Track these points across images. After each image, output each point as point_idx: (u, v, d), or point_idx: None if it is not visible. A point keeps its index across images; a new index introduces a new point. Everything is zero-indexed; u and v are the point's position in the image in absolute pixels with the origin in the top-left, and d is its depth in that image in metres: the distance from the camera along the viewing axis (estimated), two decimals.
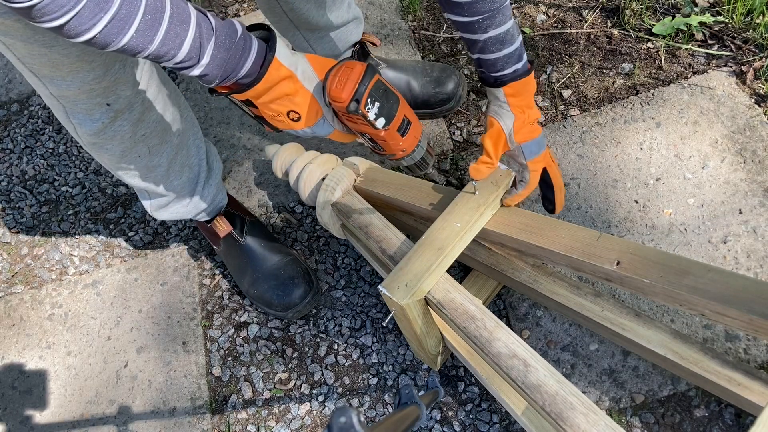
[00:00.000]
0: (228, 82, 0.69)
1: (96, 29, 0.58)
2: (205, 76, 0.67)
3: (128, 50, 0.62)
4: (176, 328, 1.22)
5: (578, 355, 1.04)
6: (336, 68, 0.74)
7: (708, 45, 1.27)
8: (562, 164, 1.21)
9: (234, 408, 1.13)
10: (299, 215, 1.30)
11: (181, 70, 0.67)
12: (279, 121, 0.76)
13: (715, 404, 0.96)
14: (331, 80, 0.73)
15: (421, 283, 0.85)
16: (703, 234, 1.08)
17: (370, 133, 0.76)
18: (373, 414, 1.07)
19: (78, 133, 0.93)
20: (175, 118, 1.02)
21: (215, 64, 0.66)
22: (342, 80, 0.72)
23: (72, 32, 0.58)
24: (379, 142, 0.77)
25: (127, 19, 0.59)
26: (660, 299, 0.79)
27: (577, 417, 0.71)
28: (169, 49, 0.63)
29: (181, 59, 0.64)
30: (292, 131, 0.78)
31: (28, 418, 1.19)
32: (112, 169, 1.03)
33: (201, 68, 0.66)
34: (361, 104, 0.72)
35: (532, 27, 1.39)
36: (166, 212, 1.14)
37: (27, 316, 1.30)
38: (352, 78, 0.72)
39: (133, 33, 0.60)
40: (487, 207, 0.91)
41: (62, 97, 0.85)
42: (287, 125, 0.77)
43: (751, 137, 1.16)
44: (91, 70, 0.81)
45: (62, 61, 0.78)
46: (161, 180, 1.05)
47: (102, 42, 0.60)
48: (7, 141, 1.58)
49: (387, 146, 0.78)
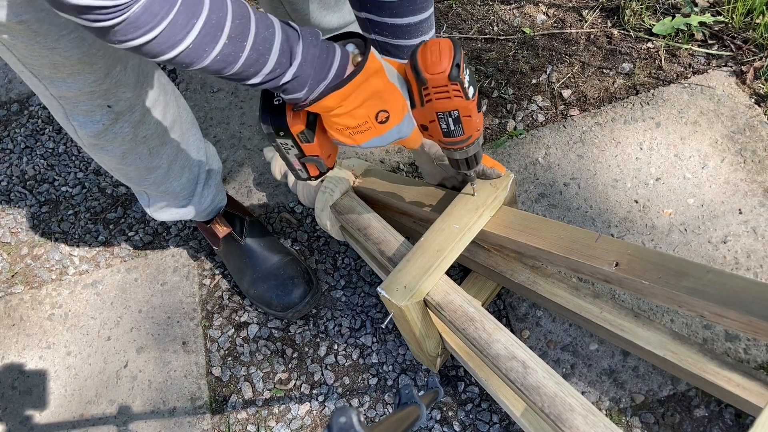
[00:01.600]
0: (318, 85, 0.64)
1: (189, 39, 0.53)
2: (296, 79, 0.62)
3: (218, 62, 0.56)
4: (176, 328, 1.23)
5: (578, 355, 1.04)
6: (422, 47, 0.71)
7: (708, 45, 1.27)
8: (562, 164, 1.21)
9: (234, 408, 1.13)
10: (299, 215, 1.30)
11: (268, 84, 0.60)
12: (360, 129, 0.70)
13: (715, 404, 0.96)
14: (422, 57, 0.71)
15: (420, 284, 0.85)
16: (703, 234, 1.08)
17: (460, 107, 0.74)
18: (373, 414, 1.07)
19: (78, 134, 0.92)
20: (175, 119, 1.02)
21: (308, 62, 0.61)
22: (435, 53, 0.70)
23: (158, 48, 0.53)
24: (463, 120, 0.75)
25: (218, 24, 0.54)
26: (659, 300, 0.79)
27: (576, 418, 0.71)
28: (260, 56, 0.58)
29: (271, 68, 0.59)
30: (361, 146, 0.72)
31: (28, 418, 1.19)
32: (111, 170, 1.03)
33: (294, 69, 0.61)
34: (461, 69, 0.71)
35: (532, 27, 1.39)
36: (166, 213, 1.14)
37: (27, 316, 1.31)
38: (445, 48, 0.71)
39: (225, 40, 0.55)
40: (485, 209, 0.91)
41: (62, 98, 0.85)
42: (370, 133, 0.71)
43: (751, 137, 1.15)
44: (92, 72, 0.81)
45: (63, 63, 0.77)
46: (161, 181, 1.05)
47: (193, 55, 0.54)
48: (7, 141, 1.58)
49: (470, 123, 0.75)
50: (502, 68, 1.35)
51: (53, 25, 0.72)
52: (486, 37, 1.40)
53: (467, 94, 0.73)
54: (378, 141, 0.73)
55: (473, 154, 0.82)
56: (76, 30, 0.74)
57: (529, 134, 1.26)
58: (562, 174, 1.20)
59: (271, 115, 0.72)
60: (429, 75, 0.71)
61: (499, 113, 1.30)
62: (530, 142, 1.25)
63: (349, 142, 0.72)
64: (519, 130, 1.26)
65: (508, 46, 1.38)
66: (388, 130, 0.72)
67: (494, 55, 1.37)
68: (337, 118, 0.68)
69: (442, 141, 0.79)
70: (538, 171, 1.21)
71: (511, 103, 1.30)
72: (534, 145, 1.24)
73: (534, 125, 1.27)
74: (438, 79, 0.71)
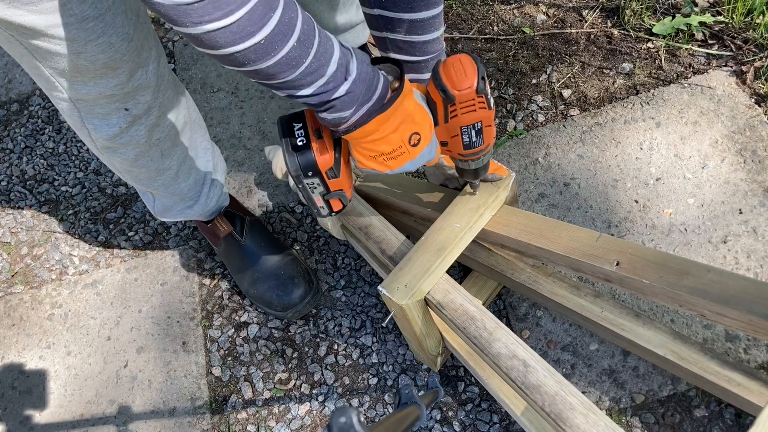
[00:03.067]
0: (364, 106, 0.62)
1: (263, 33, 0.49)
2: (349, 95, 0.60)
3: (281, 64, 0.53)
4: (176, 328, 1.22)
5: (578, 355, 1.04)
6: (443, 65, 0.72)
7: (708, 45, 1.27)
8: (562, 164, 1.21)
9: (234, 408, 1.13)
10: (299, 215, 1.30)
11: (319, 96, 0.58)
12: (393, 155, 0.69)
13: (715, 404, 0.96)
14: (446, 74, 0.71)
15: (421, 283, 0.85)
16: (703, 234, 1.08)
17: (484, 117, 0.75)
18: (373, 414, 1.07)
19: (92, 137, 0.91)
20: (186, 120, 1.01)
21: (361, 80, 0.59)
22: (459, 69, 0.71)
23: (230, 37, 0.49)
24: (485, 130, 0.76)
25: (290, 23, 0.51)
26: (659, 300, 0.79)
27: (576, 417, 0.71)
28: (320, 65, 0.55)
29: (326, 80, 0.57)
30: (393, 171, 0.71)
31: (27, 418, 1.19)
32: (121, 172, 1.02)
33: (348, 84, 0.59)
34: (485, 83, 0.72)
35: (532, 27, 1.39)
36: (171, 214, 1.13)
37: (27, 316, 1.30)
38: (468, 64, 0.72)
39: (294, 42, 0.52)
40: (486, 208, 0.91)
41: (79, 101, 0.83)
42: (403, 157, 0.69)
43: (751, 137, 1.16)
44: (115, 76, 0.79)
45: (88, 67, 0.76)
46: (170, 183, 1.05)
47: (262, 51, 0.51)
48: (7, 141, 1.58)
49: (490, 132, 0.77)
50: (502, 68, 1.35)
51: (82, 30, 0.71)
52: (486, 37, 1.40)
53: (490, 104, 0.74)
54: (410, 165, 0.72)
55: (485, 163, 0.83)
56: (104, 35, 0.73)
57: (529, 134, 1.26)
58: (562, 174, 1.20)
59: (298, 155, 0.70)
60: (457, 92, 0.71)
61: (499, 113, 1.30)
62: (530, 142, 1.25)
63: (382, 168, 0.71)
64: (519, 130, 1.26)
65: (508, 46, 1.38)
66: (420, 153, 0.72)
67: (494, 55, 1.37)
68: (372, 144, 0.67)
69: (462, 153, 0.80)
70: (538, 171, 1.21)
71: (511, 103, 1.30)
72: (534, 145, 1.24)
73: (534, 125, 1.27)
74: (465, 95, 0.72)
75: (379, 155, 0.69)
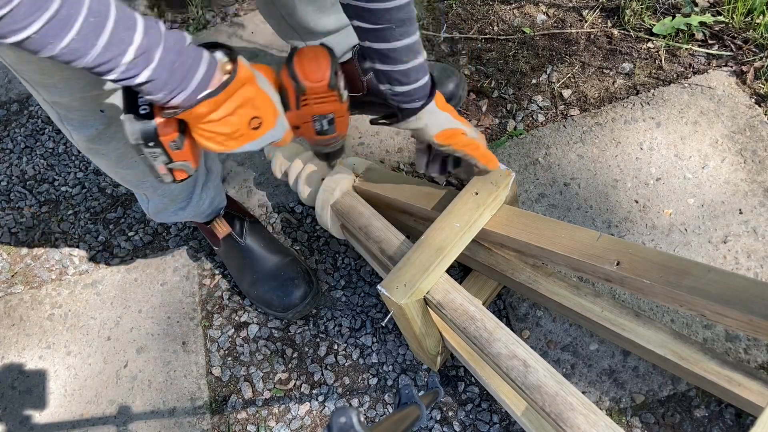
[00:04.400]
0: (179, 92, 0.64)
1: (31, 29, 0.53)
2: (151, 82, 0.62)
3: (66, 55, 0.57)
4: (176, 328, 1.22)
5: (578, 355, 1.04)
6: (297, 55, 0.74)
7: (708, 45, 1.27)
8: (562, 164, 1.21)
9: (234, 408, 1.13)
10: (299, 215, 1.30)
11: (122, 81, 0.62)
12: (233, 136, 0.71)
13: (716, 404, 0.96)
14: (300, 64, 0.73)
15: (420, 282, 0.85)
16: (703, 234, 1.08)
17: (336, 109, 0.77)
18: (373, 414, 1.07)
19: (73, 138, 0.91)
20: None
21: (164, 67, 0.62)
22: (313, 62, 0.73)
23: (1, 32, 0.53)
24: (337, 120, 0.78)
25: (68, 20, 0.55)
26: (660, 300, 0.79)
27: (577, 417, 0.71)
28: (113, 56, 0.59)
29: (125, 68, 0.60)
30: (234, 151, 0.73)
31: (27, 418, 1.19)
32: (109, 173, 1.02)
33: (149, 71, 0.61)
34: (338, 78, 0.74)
35: (532, 27, 1.39)
36: (165, 215, 1.13)
37: (27, 316, 1.30)
38: (322, 57, 0.73)
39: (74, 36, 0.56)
40: (486, 207, 0.91)
41: (55, 104, 0.84)
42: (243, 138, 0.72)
43: (751, 137, 1.16)
44: (83, 77, 0.79)
45: (52, 68, 0.76)
46: (158, 184, 1.04)
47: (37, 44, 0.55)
48: (7, 141, 1.58)
49: (342, 123, 0.80)
50: (502, 68, 1.35)
51: None
52: (486, 37, 1.40)
53: (342, 98, 0.76)
54: (251, 146, 0.74)
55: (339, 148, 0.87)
56: None
57: (529, 134, 1.26)
58: (562, 174, 1.20)
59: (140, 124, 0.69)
60: (308, 83, 0.73)
61: (499, 113, 1.30)
62: (530, 142, 1.25)
63: (221, 149, 0.72)
64: (519, 130, 1.26)
65: (508, 46, 1.38)
66: (261, 135, 0.73)
67: (494, 55, 1.37)
68: (209, 125, 0.69)
69: (314, 138, 0.82)
70: (538, 171, 1.21)
71: (511, 103, 1.30)
72: (534, 145, 1.24)
73: (534, 125, 1.27)
74: (317, 88, 0.73)
75: (217, 135, 0.70)
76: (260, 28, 1.56)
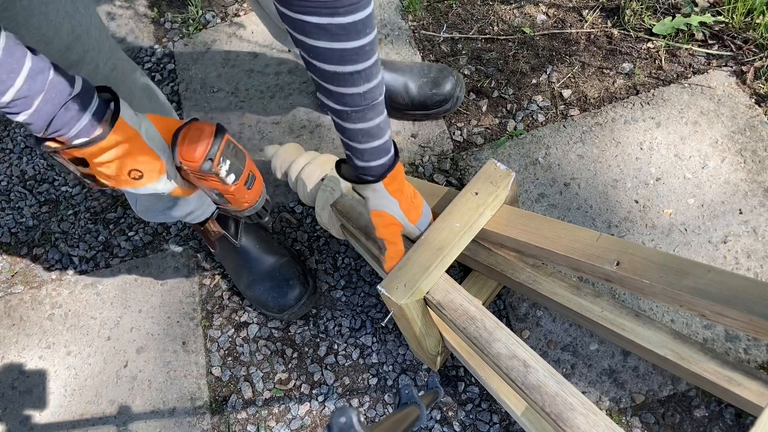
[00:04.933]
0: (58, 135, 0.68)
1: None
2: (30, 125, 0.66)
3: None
4: (176, 328, 1.22)
5: (578, 355, 1.04)
6: (185, 129, 0.74)
7: (708, 45, 1.27)
8: (562, 164, 1.21)
9: (234, 408, 1.13)
10: (299, 215, 1.30)
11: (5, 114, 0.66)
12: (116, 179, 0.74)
13: (716, 404, 0.96)
14: (181, 141, 0.73)
15: (420, 283, 0.85)
16: (703, 234, 1.08)
17: (220, 189, 0.78)
18: (373, 414, 1.07)
19: None
20: None
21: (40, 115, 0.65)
22: (193, 140, 0.73)
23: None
24: (226, 197, 0.79)
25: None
26: (660, 300, 0.79)
27: (577, 418, 0.71)
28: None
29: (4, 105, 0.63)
30: (129, 189, 0.76)
31: (27, 418, 1.19)
32: None
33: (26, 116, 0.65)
34: (215, 163, 0.74)
35: (532, 27, 1.39)
36: (152, 214, 1.12)
37: (27, 316, 1.30)
38: (203, 138, 0.73)
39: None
40: (486, 207, 0.91)
41: None
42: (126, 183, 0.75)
43: (751, 137, 1.16)
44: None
45: None
46: None
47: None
48: (7, 141, 1.58)
49: (234, 200, 0.80)
50: (502, 68, 1.35)
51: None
52: (486, 37, 1.40)
53: (225, 182, 0.75)
54: (133, 191, 0.76)
55: (261, 207, 0.85)
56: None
57: (529, 134, 1.26)
58: (562, 174, 1.20)
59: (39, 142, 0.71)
60: (182, 160, 0.73)
61: (499, 113, 1.30)
62: (530, 142, 1.25)
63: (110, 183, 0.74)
64: (519, 130, 1.26)
65: (508, 46, 1.38)
66: (142, 186, 0.75)
67: (494, 55, 1.37)
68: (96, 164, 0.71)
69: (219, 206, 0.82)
70: (538, 171, 1.21)
71: (511, 103, 1.30)
72: (534, 145, 1.24)
73: (534, 125, 1.27)
74: (192, 166, 0.73)
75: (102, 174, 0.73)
76: (260, 28, 1.56)
